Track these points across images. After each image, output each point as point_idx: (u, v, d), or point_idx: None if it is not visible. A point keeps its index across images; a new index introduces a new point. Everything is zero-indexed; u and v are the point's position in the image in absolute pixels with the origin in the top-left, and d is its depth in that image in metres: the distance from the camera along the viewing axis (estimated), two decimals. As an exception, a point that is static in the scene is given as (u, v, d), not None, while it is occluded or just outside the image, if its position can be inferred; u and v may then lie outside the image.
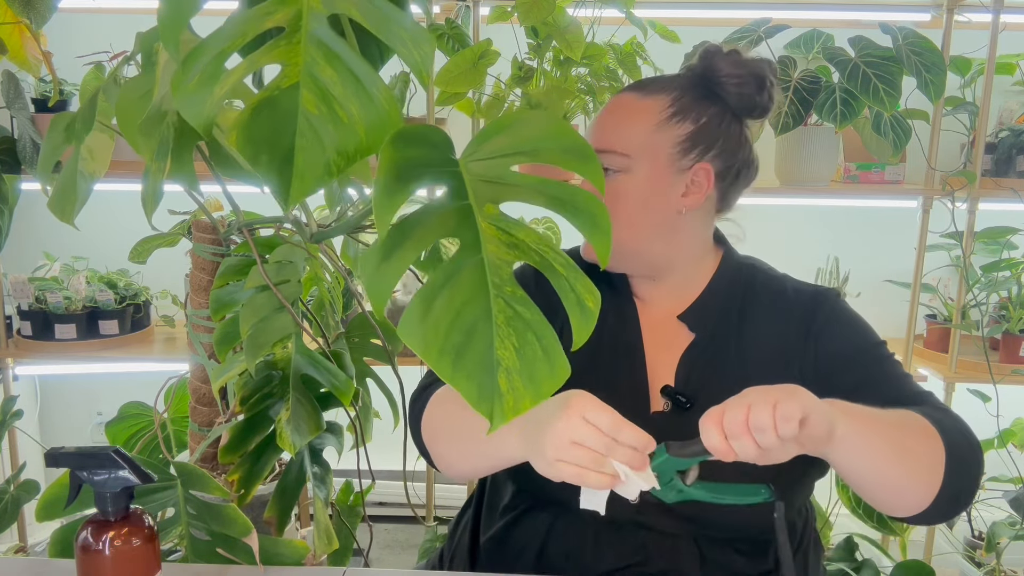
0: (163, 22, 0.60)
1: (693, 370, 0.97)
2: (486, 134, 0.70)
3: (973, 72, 2.02)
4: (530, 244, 0.63)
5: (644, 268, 1.01)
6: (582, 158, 0.68)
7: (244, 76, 0.61)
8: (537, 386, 0.58)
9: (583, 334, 0.61)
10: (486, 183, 0.66)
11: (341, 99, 0.59)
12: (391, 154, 0.60)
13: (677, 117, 0.95)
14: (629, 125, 0.95)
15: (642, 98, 0.97)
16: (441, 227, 0.62)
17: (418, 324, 0.57)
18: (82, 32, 2.12)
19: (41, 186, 1.01)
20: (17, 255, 2.27)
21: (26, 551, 2.05)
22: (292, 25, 0.61)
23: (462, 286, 0.59)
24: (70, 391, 2.46)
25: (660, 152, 0.95)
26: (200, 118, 0.59)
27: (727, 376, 0.95)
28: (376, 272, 0.59)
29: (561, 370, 0.59)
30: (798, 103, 1.72)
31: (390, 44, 0.63)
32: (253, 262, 1.04)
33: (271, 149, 0.57)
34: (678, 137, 0.95)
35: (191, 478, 0.92)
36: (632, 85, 1.00)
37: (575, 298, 0.61)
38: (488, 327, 0.58)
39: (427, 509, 2.27)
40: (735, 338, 0.98)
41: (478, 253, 0.61)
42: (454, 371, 0.57)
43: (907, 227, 2.04)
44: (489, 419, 0.56)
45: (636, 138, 0.94)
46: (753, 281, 1.02)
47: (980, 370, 1.96)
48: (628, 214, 0.95)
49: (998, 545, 1.87)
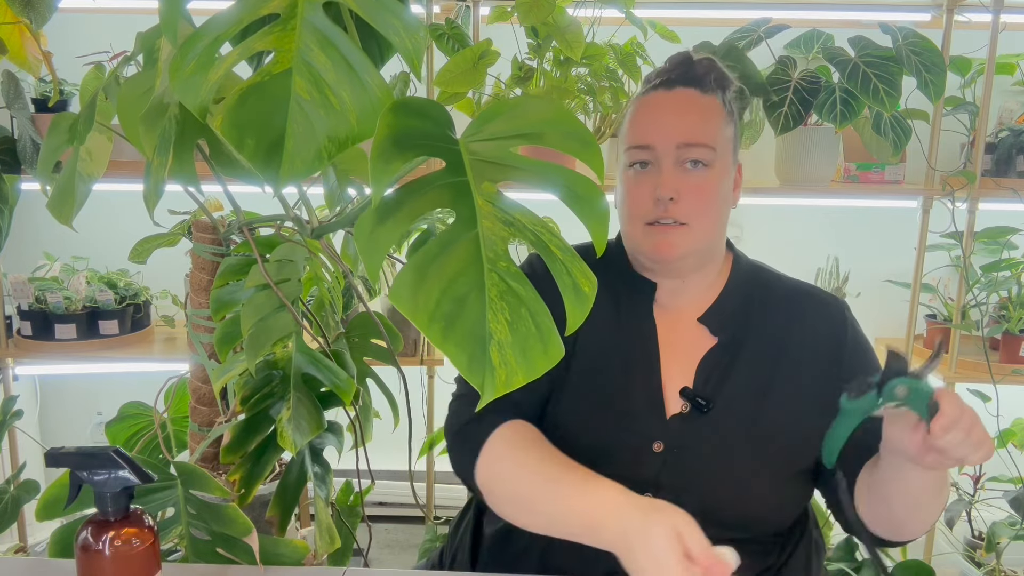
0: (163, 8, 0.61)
1: (712, 373, 0.97)
2: (487, 116, 0.70)
3: (973, 72, 2.02)
4: (526, 224, 0.63)
5: (701, 263, 1.00)
6: (583, 143, 0.68)
7: (239, 61, 0.61)
8: (530, 362, 0.58)
9: (578, 317, 0.61)
10: (485, 163, 0.66)
11: (334, 85, 0.59)
12: (391, 120, 0.60)
13: (729, 116, 0.99)
14: (708, 119, 0.96)
15: (703, 95, 0.97)
16: (437, 198, 0.62)
17: (409, 289, 0.57)
18: (82, 32, 2.12)
19: (41, 186, 1.01)
20: (17, 255, 2.26)
21: (26, 551, 2.05)
22: (288, 12, 0.61)
23: (456, 257, 0.59)
24: (70, 391, 2.46)
25: (728, 147, 0.98)
26: (195, 102, 0.60)
27: (745, 378, 0.96)
28: (370, 236, 0.59)
29: (555, 349, 0.59)
30: (798, 103, 1.72)
31: (383, 32, 0.63)
32: (253, 261, 1.04)
33: (258, 133, 0.57)
34: (732, 133, 0.99)
35: (191, 478, 0.92)
36: (683, 81, 0.98)
37: (571, 282, 0.62)
38: (480, 299, 0.58)
39: (427, 509, 2.27)
40: (753, 340, 0.98)
41: (474, 227, 0.61)
42: (444, 339, 0.57)
43: (907, 227, 2.04)
44: (480, 390, 0.56)
45: (716, 132, 0.96)
46: (767, 283, 1.03)
47: (980, 370, 1.96)
48: (714, 208, 0.97)
49: (998, 545, 1.87)
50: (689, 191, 0.94)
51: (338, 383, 1.05)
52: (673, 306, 1.02)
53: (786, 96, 1.73)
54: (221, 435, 1.14)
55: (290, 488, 1.09)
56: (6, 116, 1.88)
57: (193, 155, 0.83)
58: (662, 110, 0.97)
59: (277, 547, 0.96)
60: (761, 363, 0.96)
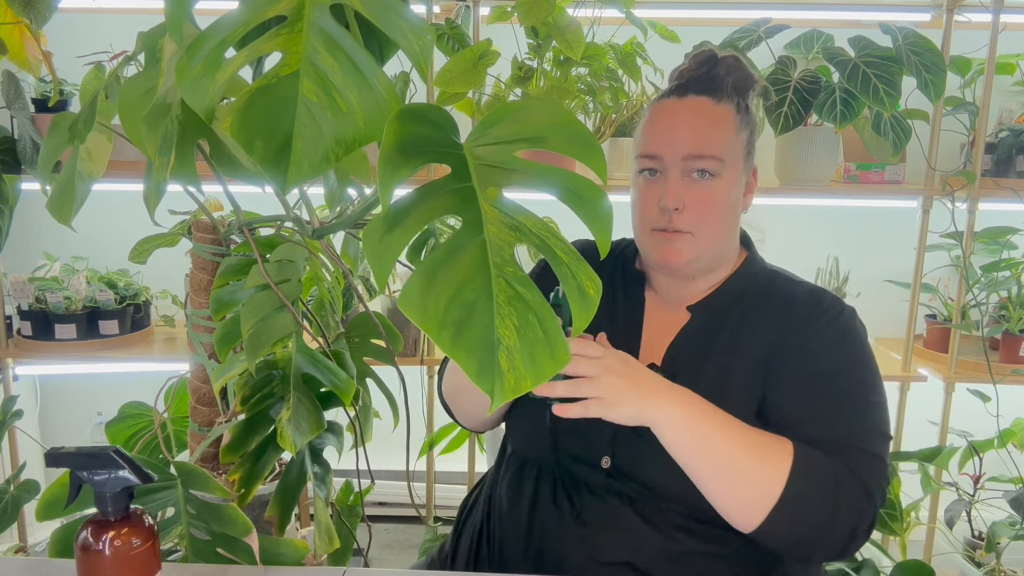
0: (168, 10, 0.61)
1: (682, 351, 1.00)
2: (490, 121, 0.70)
3: (973, 72, 2.02)
4: (531, 228, 0.63)
5: (710, 266, 1.03)
6: (585, 146, 0.68)
7: (245, 63, 0.61)
8: (538, 368, 0.58)
9: (583, 320, 0.61)
10: (490, 167, 0.66)
11: (341, 88, 0.59)
12: (397, 128, 0.60)
13: (743, 122, 0.99)
14: (718, 130, 0.97)
15: (716, 103, 0.98)
16: (444, 205, 0.62)
17: (419, 297, 0.57)
18: (82, 32, 2.12)
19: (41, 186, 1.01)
20: (17, 255, 2.26)
21: (26, 551, 2.05)
22: (294, 14, 0.61)
23: (464, 263, 0.59)
24: (70, 391, 2.46)
25: (739, 155, 0.99)
26: (203, 104, 0.60)
27: (712, 362, 0.98)
28: (379, 244, 0.59)
29: (562, 355, 0.59)
30: (798, 103, 1.72)
31: (390, 35, 0.63)
32: (253, 261, 1.04)
33: (267, 136, 0.57)
34: (745, 140, 1.00)
35: (191, 478, 0.92)
36: (696, 88, 0.99)
37: (576, 284, 0.62)
38: (489, 305, 0.58)
39: (427, 509, 2.27)
40: (730, 331, 0.99)
41: (480, 233, 0.61)
42: (454, 345, 0.57)
43: (907, 227, 2.04)
44: (490, 396, 0.56)
45: (726, 142, 0.97)
46: (771, 284, 1.03)
47: (980, 370, 1.96)
48: (720, 217, 0.98)
49: (998, 545, 1.87)
50: (695, 201, 0.96)
51: (338, 383, 1.05)
52: (671, 295, 1.05)
53: (786, 96, 1.73)
54: (221, 435, 1.14)
55: (290, 488, 1.09)
56: (6, 116, 1.88)
57: (194, 155, 0.83)
58: (672, 120, 0.98)
59: (277, 547, 0.96)
60: (732, 351, 0.98)
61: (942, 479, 2.03)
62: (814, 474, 0.86)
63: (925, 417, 2.09)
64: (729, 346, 0.98)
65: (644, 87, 1.95)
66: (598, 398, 0.84)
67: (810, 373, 0.94)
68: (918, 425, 2.08)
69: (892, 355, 2.14)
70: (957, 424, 2.00)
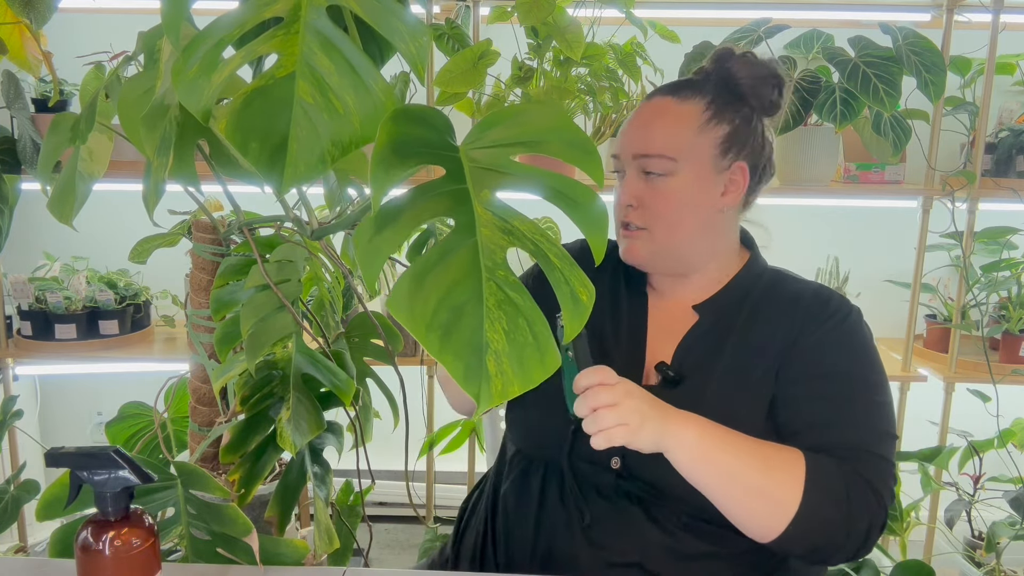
0: (165, 10, 0.61)
1: (691, 352, 1.00)
2: (488, 123, 0.70)
3: (973, 72, 2.02)
4: (525, 232, 0.63)
5: (681, 267, 1.03)
6: (584, 152, 0.68)
7: (242, 65, 0.61)
8: (527, 373, 0.57)
9: (575, 327, 0.61)
10: (485, 170, 0.65)
11: (337, 89, 0.59)
12: (391, 128, 0.60)
13: (715, 120, 0.98)
14: (674, 129, 0.98)
15: (680, 102, 0.99)
16: (437, 206, 0.62)
17: (407, 298, 0.57)
18: (82, 32, 2.12)
19: (41, 186, 1.01)
20: (17, 255, 2.26)
21: (26, 551, 2.05)
22: (291, 15, 0.61)
23: (454, 266, 0.59)
24: (70, 391, 2.46)
25: (703, 154, 0.98)
26: (199, 105, 0.60)
27: (721, 363, 0.97)
28: (369, 245, 0.58)
29: (551, 360, 0.59)
30: (798, 103, 1.72)
31: (387, 36, 0.63)
32: (253, 261, 1.04)
33: (262, 137, 0.56)
34: (717, 139, 0.98)
35: (191, 478, 0.92)
36: (664, 89, 1.02)
37: (569, 291, 0.61)
38: (478, 308, 0.57)
39: (427, 509, 2.27)
40: (740, 331, 0.99)
41: (472, 236, 0.60)
42: (441, 348, 0.56)
43: (907, 227, 2.04)
44: (476, 400, 0.56)
45: (681, 142, 0.97)
46: (776, 284, 1.04)
47: (980, 370, 1.96)
48: (675, 215, 0.98)
49: (998, 545, 1.87)
50: (649, 198, 0.99)
51: (338, 383, 1.05)
52: (671, 295, 1.06)
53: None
54: (221, 435, 1.14)
55: (290, 488, 1.09)
56: (6, 116, 1.88)
57: (193, 155, 0.83)
58: (634, 121, 1.02)
59: (277, 547, 0.96)
60: (741, 352, 0.98)
61: (942, 479, 2.03)
62: (827, 484, 0.87)
63: (925, 417, 2.09)
64: (740, 346, 0.98)
65: (644, 87, 1.95)
66: (623, 424, 0.83)
67: (819, 376, 0.94)
68: (918, 425, 2.08)
69: (892, 355, 2.14)
70: (957, 424, 2.00)
